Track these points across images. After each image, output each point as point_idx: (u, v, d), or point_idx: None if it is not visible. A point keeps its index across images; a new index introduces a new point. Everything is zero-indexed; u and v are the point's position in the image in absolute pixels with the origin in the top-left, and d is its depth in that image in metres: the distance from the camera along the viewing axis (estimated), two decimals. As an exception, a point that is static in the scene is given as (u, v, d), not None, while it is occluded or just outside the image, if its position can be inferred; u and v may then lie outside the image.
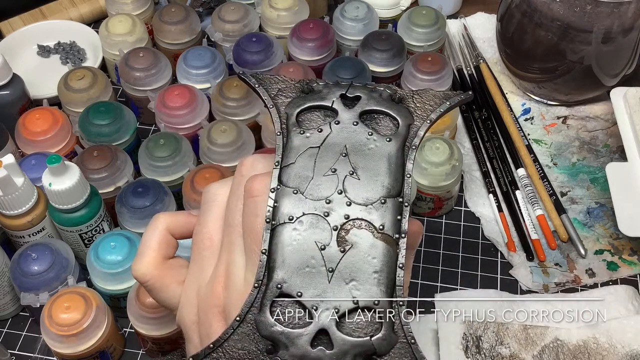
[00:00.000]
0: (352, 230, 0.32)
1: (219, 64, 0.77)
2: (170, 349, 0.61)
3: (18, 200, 0.60)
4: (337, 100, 0.35)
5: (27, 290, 0.59)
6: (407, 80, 0.75)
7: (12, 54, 0.83)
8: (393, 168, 0.33)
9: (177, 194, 0.67)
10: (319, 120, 0.35)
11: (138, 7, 0.84)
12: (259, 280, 0.31)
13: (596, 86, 0.77)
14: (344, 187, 0.32)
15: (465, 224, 0.72)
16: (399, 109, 0.35)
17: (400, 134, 0.34)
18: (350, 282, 0.31)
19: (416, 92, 0.36)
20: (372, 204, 0.32)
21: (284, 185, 0.32)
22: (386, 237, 0.32)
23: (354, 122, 0.34)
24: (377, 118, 0.35)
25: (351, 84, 0.36)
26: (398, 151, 0.34)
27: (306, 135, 0.34)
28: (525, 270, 0.67)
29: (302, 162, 0.33)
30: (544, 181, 0.73)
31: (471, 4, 0.91)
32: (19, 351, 0.64)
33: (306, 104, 0.35)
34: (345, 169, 0.33)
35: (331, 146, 0.33)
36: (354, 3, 0.81)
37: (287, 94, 0.36)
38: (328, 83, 0.36)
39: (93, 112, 0.70)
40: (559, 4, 0.69)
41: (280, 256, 0.31)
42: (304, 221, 0.32)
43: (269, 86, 0.36)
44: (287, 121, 0.34)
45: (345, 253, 0.31)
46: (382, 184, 0.33)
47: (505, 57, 0.80)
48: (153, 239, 0.37)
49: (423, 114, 0.35)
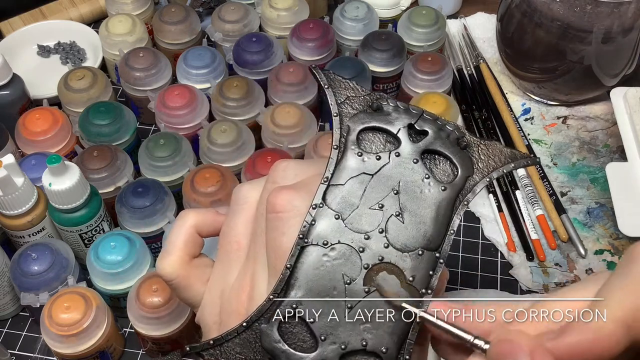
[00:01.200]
0: (381, 273, 0.31)
1: (219, 64, 0.77)
2: (170, 349, 0.61)
3: (18, 200, 0.60)
4: (403, 129, 0.33)
5: (27, 290, 0.59)
6: (407, 80, 0.75)
7: (12, 54, 0.83)
8: (439, 220, 0.32)
9: (177, 194, 0.67)
10: (379, 145, 0.33)
11: (138, 7, 0.84)
12: (276, 293, 0.30)
13: (596, 86, 0.77)
14: (387, 227, 0.31)
15: (465, 224, 0.72)
16: (462, 156, 0.33)
17: (457, 184, 0.33)
18: (364, 323, 0.30)
19: (484, 142, 0.34)
20: (409, 252, 0.31)
21: (327, 205, 0.31)
22: (413, 289, 0.31)
23: (414, 159, 0.33)
24: (438, 159, 0.33)
25: (422, 115, 0.34)
26: (449, 203, 0.32)
27: (363, 158, 0.32)
28: (525, 270, 0.67)
29: (351, 187, 0.32)
30: (544, 181, 0.73)
31: (471, 4, 0.91)
32: (19, 351, 0.64)
33: (371, 123, 0.33)
34: (392, 207, 0.32)
35: (385, 178, 0.32)
36: (354, 3, 0.81)
37: (354, 105, 0.34)
38: (398, 106, 0.34)
39: (93, 112, 0.70)
40: (559, 4, 0.69)
41: (303, 277, 0.30)
42: (337, 249, 0.31)
43: (338, 90, 0.35)
44: (347, 135, 0.33)
45: (368, 294, 0.30)
46: (425, 234, 0.32)
47: (505, 57, 0.80)
48: (180, 237, 0.37)
49: (485, 169, 0.34)
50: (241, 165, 0.68)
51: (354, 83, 0.35)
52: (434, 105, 0.70)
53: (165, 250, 0.37)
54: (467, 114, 0.79)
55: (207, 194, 0.63)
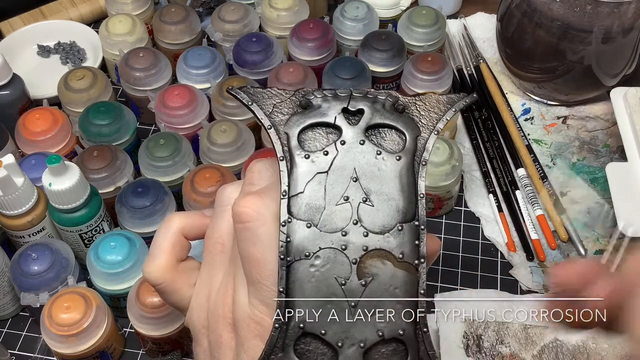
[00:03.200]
0: (371, 261, 0.31)
1: (219, 64, 0.77)
2: (170, 349, 0.61)
3: (18, 200, 0.60)
4: (339, 115, 0.33)
5: (27, 290, 0.59)
6: (407, 80, 0.75)
7: (12, 54, 0.83)
8: (406, 189, 0.32)
9: (177, 194, 0.67)
10: (322, 140, 0.33)
11: (138, 7, 0.84)
12: (279, 320, 0.30)
13: (596, 86, 0.77)
14: (359, 217, 0.31)
15: (465, 224, 0.72)
16: (404, 120, 0.33)
17: (409, 149, 0.33)
18: (373, 315, 0.30)
19: (419, 98, 0.34)
20: (389, 232, 0.31)
21: (295, 217, 0.31)
22: (406, 265, 0.31)
23: (361, 140, 0.32)
24: (383, 132, 0.33)
25: (351, 95, 0.33)
26: (409, 170, 0.32)
27: (312, 159, 0.32)
28: (525, 270, 0.67)
29: (311, 191, 0.31)
30: (544, 181, 0.73)
31: (471, 4, 0.91)
32: (19, 351, 0.64)
33: (307, 122, 0.33)
34: (357, 195, 0.31)
35: (340, 170, 0.32)
36: (354, 3, 0.81)
37: (283, 110, 0.33)
38: (326, 95, 0.34)
39: (93, 112, 0.70)
40: (559, 4, 0.69)
41: (299, 294, 0.30)
42: (322, 256, 0.30)
43: (263, 102, 0.34)
44: (288, 143, 0.32)
45: (366, 286, 0.30)
46: (397, 208, 0.31)
47: (505, 57, 0.80)
48: (166, 240, 0.36)
49: (429, 124, 0.33)
50: (241, 165, 0.68)
51: (276, 89, 0.34)
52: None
53: (151, 254, 0.37)
54: (467, 114, 0.79)
55: (207, 194, 0.63)
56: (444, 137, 0.68)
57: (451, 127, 0.71)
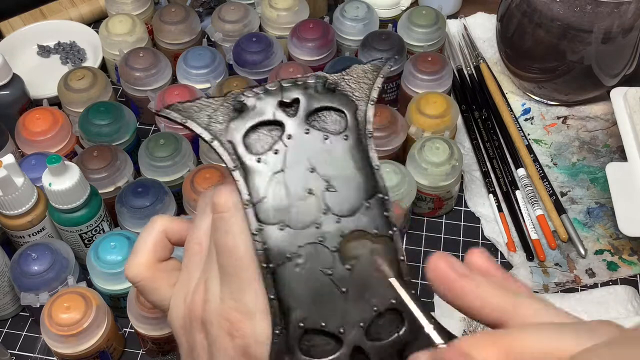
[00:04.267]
0: (350, 244, 0.31)
1: (219, 64, 0.77)
2: (170, 349, 0.61)
3: (18, 200, 0.60)
4: (276, 110, 0.33)
5: (27, 290, 0.59)
6: (407, 80, 0.75)
7: (12, 54, 0.83)
8: (361, 165, 0.32)
9: (177, 194, 0.67)
10: (267, 139, 0.32)
11: (138, 7, 0.84)
12: (278, 327, 0.30)
13: (596, 86, 0.77)
14: (327, 205, 0.31)
15: (465, 224, 0.72)
16: (339, 98, 0.33)
17: (352, 125, 0.33)
18: (365, 294, 0.31)
19: (345, 72, 0.34)
20: (358, 211, 0.31)
21: (265, 223, 0.31)
22: (382, 238, 0.31)
23: (305, 129, 0.32)
24: (323, 115, 0.33)
25: (282, 87, 0.33)
26: (358, 145, 0.33)
27: (264, 161, 0.32)
28: (525, 270, 0.67)
29: (273, 193, 0.31)
30: (544, 181, 0.73)
31: (471, 4, 0.91)
32: (19, 351, 0.64)
33: (247, 125, 0.32)
34: (319, 185, 0.31)
35: (295, 165, 0.32)
36: (354, 3, 0.81)
37: (219, 119, 0.33)
38: (257, 92, 0.33)
39: (93, 112, 0.70)
40: (559, 4, 0.69)
41: (291, 297, 0.30)
42: (302, 254, 0.30)
43: (197, 116, 0.33)
44: (235, 151, 0.32)
45: (353, 269, 0.31)
46: (359, 187, 0.32)
47: (505, 57, 0.80)
48: (149, 240, 0.37)
49: (363, 95, 0.34)
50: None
51: (204, 99, 0.33)
52: (434, 105, 0.70)
53: (133, 252, 0.37)
54: (467, 114, 0.79)
55: (207, 194, 0.63)
56: (444, 137, 0.68)
57: (451, 127, 0.71)
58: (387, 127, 0.68)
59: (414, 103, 0.71)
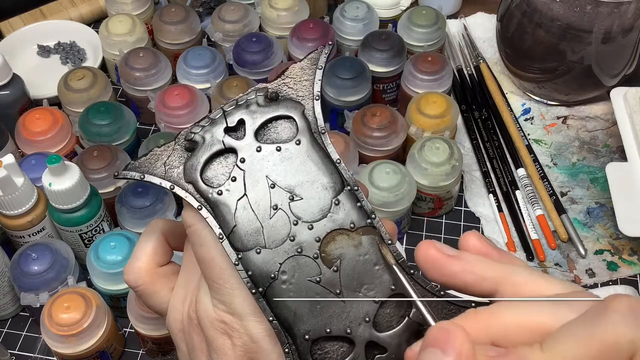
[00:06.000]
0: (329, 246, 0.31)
1: (219, 64, 0.77)
2: (170, 349, 0.61)
3: (18, 200, 0.60)
4: (225, 137, 0.33)
5: (27, 290, 0.59)
6: (407, 80, 0.75)
7: (12, 54, 0.83)
8: (321, 164, 0.32)
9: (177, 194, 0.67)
10: (223, 169, 0.32)
11: (138, 7, 0.84)
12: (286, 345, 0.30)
13: (596, 86, 0.77)
14: (296, 215, 0.31)
15: (465, 224, 0.72)
16: (283, 104, 0.33)
17: (303, 127, 0.33)
18: (361, 288, 0.31)
19: (284, 75, 0.34)
20: (329, 212, 0.31)
21: (242, 250, 0.31)
22: (361, 229, 0.31)
23: (257, 148, 0.32)
24: (271, 127, 0.33)
25: (224, 112, 0.33)
26: (313, 146, 0.32)
27: (225, 190, 0.32)
28: (525, 270, 0.67)
29: (242, 219, 0.31)
30: (544, 181, 0.73)
31: (471, 4, 0.91)
32: (19, 351, 0.64)
33: (201, 162, 0.32)
34: (283, 198, 0.31)
35: (254, 186, 0.32)
36: (354, 3, 0.81)
37: (174, 163, 0.33)
38: (203, 126, 0.33)
39: (93, 112, 0.70)
40: (559, 4, 0.69)
41: (288, 313, 0.30)
42: (286, 270, 0.31)
43: (153, 168, 0.33)
44: (197, 190, 0.32)
45: (339, 269, 0.31)
46: (324, 186, 0.32)
47: (505, 57, 0.80)
48: (149, 244, 0.37)
49: (306, 94, 0.33)
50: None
51: (157, 148, 0.33)
52: (434, 105, 0.70)
53: (133, 257, 0.37)
54: (467, 114, 0.79)
55: (207, 194, 0.63)
56: (444, 137, 0.68)
57: (451, 127, 0.71)
58: (387, 127, 0.68)
59: (414, 103, 0.71)
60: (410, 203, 0.66)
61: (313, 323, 0.30)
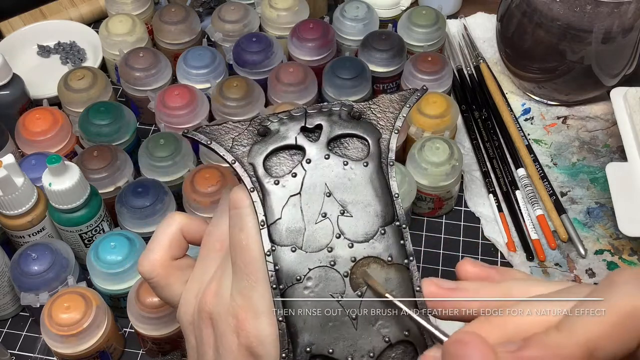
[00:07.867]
0: (362, 270, 0.31)
1: (219, 64, 0.77)
2: (170, 349, 0.61)
3: (18, 200, 0.60)
4: (299, 135, 0.33)
5: (27, 290, 0.59)
6: (407, 80, 0.75)
7: (12, 54, 0.83)
8: (380, 193, 0.32)
9: (177, 194, 0.67)
10: (288, 163, 0.33)
11: (138, 7, 0.84)
12: (285, 349, 0.30)
13: (596, 86, 0.77)
14: (341, 229, 0.31)
15: (465, 224, 0.72)
16: (363, 126, 0.34)
17: (374, 153, 0.33)
18: (376, 322, 0.30)
19: (372, 101, 0.35)
20: (373, 238, 0.31)
21: (278, 244, 0.31)
22: (396, 266, 0.31)
23: (325, 155, 0.33)
24: (345, 142, 0.34)
25: (306, 113, 0.34)
26: (378, 173, 0.33)
27: (282, 183, 0.32)
28: (525, 270, 0.67)
29: (288, 215, 0.32)
30: (544, 181, 0.73)
31: (471, 4, 0.91)
32: (19, 351, 0.64)
33: (269, 148, 0.33)
34: (334, 209, 0.32)
35: (311, 188, 0.32)
36: (354, 3, 0.81)
37: (243, 142, 0.34)
38: (282, 118, 0.34)
39: (93, 112, 0.70)
40: (559, 4, 0.69)
41: (299, 319, 0.30)
42: (313, 277, 0.31)
43: (221, 139, 0.34)
44: (255, 173, 0.33)
45: (363, 296, 0.30)
46: (375, 213, 0.32)
47: (505, 57, 0.80)
48: (165, 237, 0.37)
49: (388, 124, 0.34)
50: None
51: (231, 123, 0.34)
52: (434, 105, 0.70)
53: (149, 249, 0.37)
54: (467, 114, 0.79)
55: (207, 194, 0.63)
56: (444, 137, 0.68)
57: (451, 127, 0.71)
58: (387, 127, 0.68)
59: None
60: (410, 203, 0.66)
61: (319, 338, 0.30)
